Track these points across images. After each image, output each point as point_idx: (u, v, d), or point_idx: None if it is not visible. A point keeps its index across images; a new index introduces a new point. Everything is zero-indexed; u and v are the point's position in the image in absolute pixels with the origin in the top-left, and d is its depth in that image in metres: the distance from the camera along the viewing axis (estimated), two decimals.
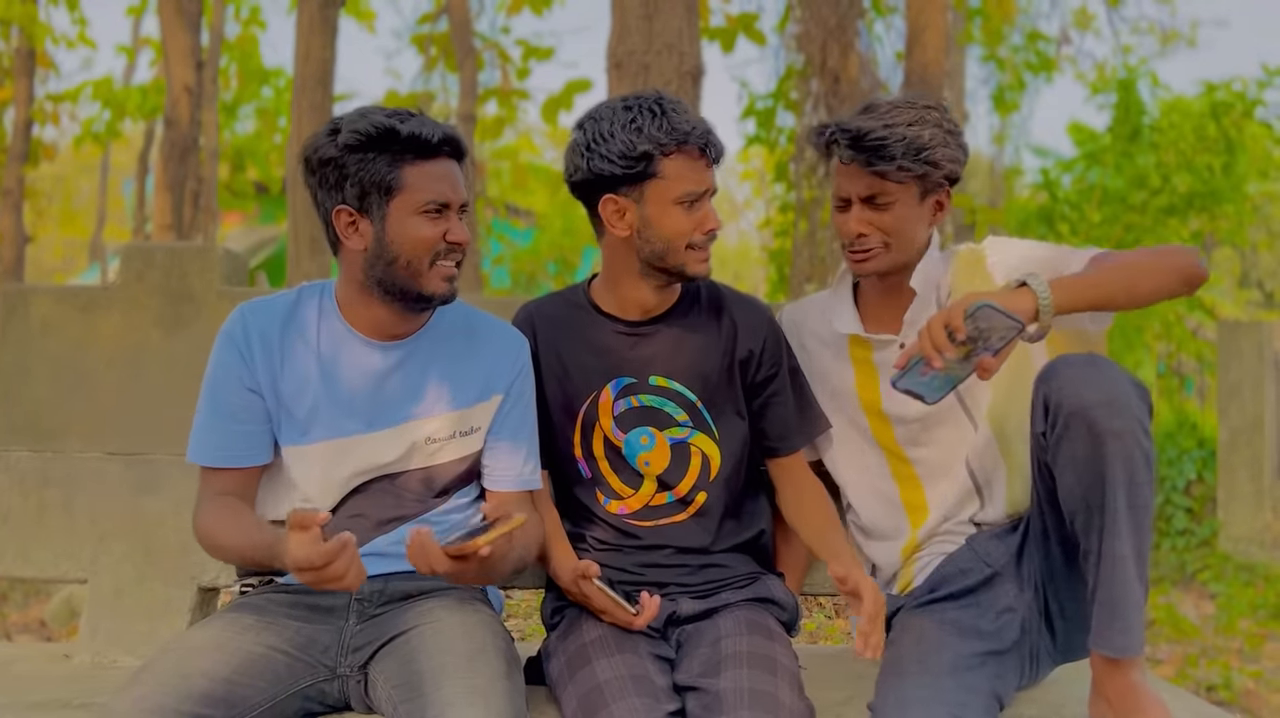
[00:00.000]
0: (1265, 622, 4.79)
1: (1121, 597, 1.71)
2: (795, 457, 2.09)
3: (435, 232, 1.81)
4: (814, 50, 7.99)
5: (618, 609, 1.84)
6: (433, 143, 1.79)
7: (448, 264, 1.84)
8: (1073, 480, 1.73)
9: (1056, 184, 8.89)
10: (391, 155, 1.78)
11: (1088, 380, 1.71)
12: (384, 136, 1.77)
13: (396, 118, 1.79)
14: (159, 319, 2.45)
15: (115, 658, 2.24)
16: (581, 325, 2.05)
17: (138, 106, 13.34)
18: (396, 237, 1.80)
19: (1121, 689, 1.74)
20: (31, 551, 2.34)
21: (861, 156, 1.92)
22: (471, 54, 9.88)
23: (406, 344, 1.91)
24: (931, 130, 1.93)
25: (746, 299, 2.11)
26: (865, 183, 1.95)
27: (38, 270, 23.69)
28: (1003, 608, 1.92)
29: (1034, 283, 1.77)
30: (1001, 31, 12.83)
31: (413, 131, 1.78)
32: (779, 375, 2.06)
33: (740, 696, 1.67)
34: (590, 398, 2.01)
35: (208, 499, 1.87)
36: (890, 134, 1.90)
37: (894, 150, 1.90)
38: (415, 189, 1.80)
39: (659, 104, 1.90)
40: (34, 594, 5.40)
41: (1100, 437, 1.68)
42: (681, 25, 4.74)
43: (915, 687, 1.73)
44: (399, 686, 1.68)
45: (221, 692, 1.62)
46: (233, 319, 1.90)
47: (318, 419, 1.87)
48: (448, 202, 1.82)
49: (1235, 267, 17.14)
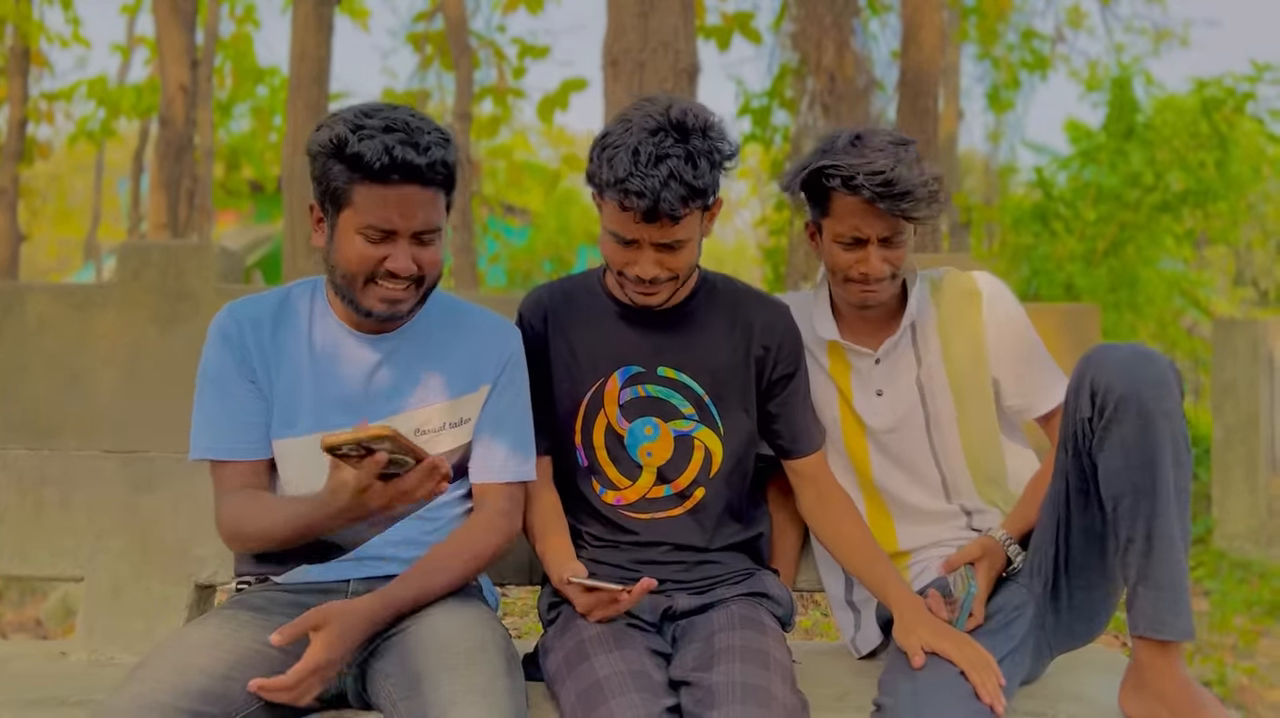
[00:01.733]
0: (1260, 618, 4.80)
1: (1174, 578, 1.73)
2: (814, 459, 2.08)
3: (373, 254, 1.76)
4: (809, 49, 7.99)
5: (602, 598, 1.81)
6: (373, 168, 1.70)
7: (388, 287, 1.79)
8: (1120, 464, 1.76)
9: (1051, 182, 8.90)
10: (346, 168, 1.73)
11: (1137, 365, 1.76)
12: (338, 149, 1.72)
13: (360, 132, 1.71)
14: (155, 317, 2.45)
15: (112, 656, 2.24)
16: (594, 311, 2.05)
17: (132, 105, 13.30)
18: (339, 247, 1.78)
19: (1173, 683, 1.74)
20: (28, 549, 2.33)
21: (895, 204, 1.91)
22: (467, 52, 9.87)
23: (394, 337, 1.91)
24: (929, 169, 1.95)
25: (765, 298, 2.11)
26: (887, 224, 1.95)
27: (32, 270, 23.63)
28: (1014, 607, 1.93)
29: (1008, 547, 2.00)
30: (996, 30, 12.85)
31: (358, 153, 1.70)
32: (796, 375, 2.06)
33: (733, 689, 1.67)
34: (596, 384, 2.01)
35: (226, 494, 1.85)
36: (916, 178, 1.91)
37: (921, 195, 1.91)
38: (360, 209, 1.75)
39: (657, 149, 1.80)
40: (30, 594, 5.39)
41: (1151, 417, 1.73)
42: (677, 23, 4.75)
43: (927, 683, 1.72)
44: (398, 683, 1.68)
45: (219, 688, 1.62)
46: (223, 315, 1.90)
47: (309, 412, 1.87)
48: (393, 229, 1.75)
49: (1230, 265, 17.16)
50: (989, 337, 2.08)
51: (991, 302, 2.10)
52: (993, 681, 1.71)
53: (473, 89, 10.05)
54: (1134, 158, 8.40)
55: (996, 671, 1.73)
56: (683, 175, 1.79)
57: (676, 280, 1.93)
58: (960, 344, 2.09)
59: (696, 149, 1.81)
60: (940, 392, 2.08)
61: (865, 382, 2.10)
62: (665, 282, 1.91)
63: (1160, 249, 8.72)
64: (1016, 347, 2.09)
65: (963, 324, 2.09)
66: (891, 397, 2.09)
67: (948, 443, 2.08)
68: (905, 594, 1.91)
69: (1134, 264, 8.32)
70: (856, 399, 2.10)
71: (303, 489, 1.85)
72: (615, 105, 4.73)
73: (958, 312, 2.11)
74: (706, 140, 1.83)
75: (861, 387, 2.11)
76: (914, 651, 1.77)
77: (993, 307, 2.09)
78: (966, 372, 2.09)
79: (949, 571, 2.01)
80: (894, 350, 2.10)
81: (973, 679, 1.71)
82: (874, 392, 2.10)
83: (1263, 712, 3.59)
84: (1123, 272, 8.19)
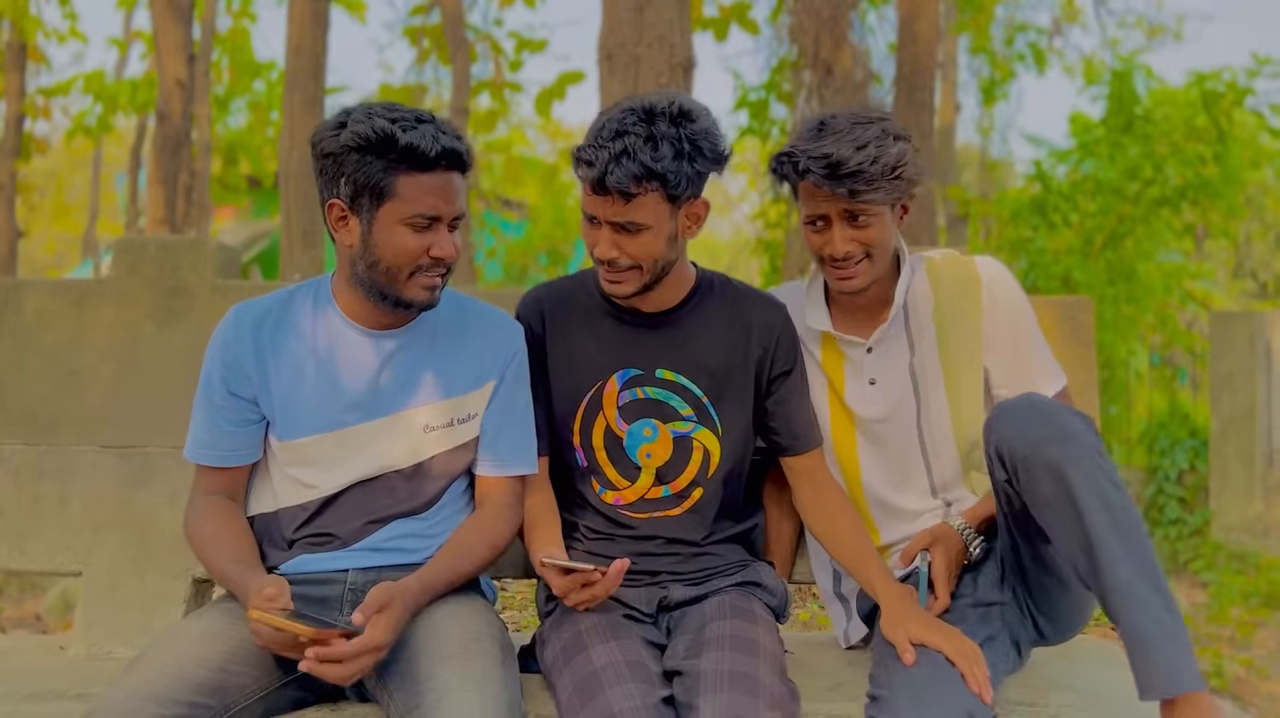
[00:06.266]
0: (1256, 610, 4.81)
1: (1145, 629, 1.58)
2: (811, 456, 2.08)
3: (420, 244, 1.79)
4: (807, 41, 7.97)
5: (578, 579, 1.78)
6: (429, 156, 1.76)
7: (429, 276, 1.83)
8: (1055, 521, 1.70)
9: (1049, 175, 8.89)
10: (388, 161, 1.76)
11: (1032, 421, 1.74)
12: (383, 142, 1.75)
13: (399, 124, 1.76)
14: (152, 312, 2.45)
15: (110, 649, 2.24)
16: (591, 314, 2.04)
17: (129, 100, 13.26)
18: (381, 242, 1.80)
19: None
20: (26, 543, 2.34)
21: (842, 186, 1.89)
22: (464, 46, 9.86)
23: (401, 333, 1.92)
24: (896, 146, 1.92)
25: (762, 297, 2.11)
26: (846, 204, 1.93)
27: (30, 266, 23.61)
28: (988, 602, 1.94)
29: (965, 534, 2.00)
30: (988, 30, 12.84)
31: (411, 142, 1.75)
32: (793, 373, 2.06)
33: (721, 677, 1.68)
34: (595, 387, 2.01)
35: (199, 496, 1.91)
36: (865, 158, 1.88)
37: (873, 175, 1.88)
38: (406, 199, 1.77)
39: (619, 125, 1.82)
40: (29, 589, 5.40)
41: (1061, 471, 1.68)
42: (673, 17, 4.74)
43: (921, 672, 1.73)
44: (394, 674, 1.69)
45: (216, 681, 1.63)
46: (225, 320, 1.93)
47: (314, 412, 1.88)
48: (438, 215, 1.80)
49: (1229, 258, 17.15)
50: (985, 324, 2.06)
51: (991, 287, 2.07)
52: (980, 670, 1.72)
53: (470, 83, 10.03)
54: (1132, 151, 8.39)
55: (983, 661, 1.74)
56: (636, 152, 1.79)
57: (640, 271, 1.90)
58: (957, 331, 2.07)
59: (660, 133, 1.81)
60: (933, 380, 2.07)
61: (858, 371, 2.09)
62: (626, 269, 1.89)
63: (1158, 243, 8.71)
64: (1012, 335, 2.06)
65: (960, 310, 2.07)
66: (884, 385, 2.08)
67: (937, 433, 2.07)
68: (894, 588, 1.92)
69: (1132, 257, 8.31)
70: (849, 391, 2.09)
71: (308, 482, 1.89)
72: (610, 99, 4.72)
73: (956, 297, 2.08)
74: (677, 128, 1.82)
75: (855, 376, 2.09)
76: (903, 646, 1.78)
77: (992, 292, 2.07)
78: (962, 360, 2.06)
79: (906, 561, 2.02)
80: (885, 338, 2.08)
81: (960, 668, 1.71)
82: (867, 380, 2.08)
83: (1259, 703, 3.60)
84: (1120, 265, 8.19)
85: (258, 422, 1.90)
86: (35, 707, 1.84)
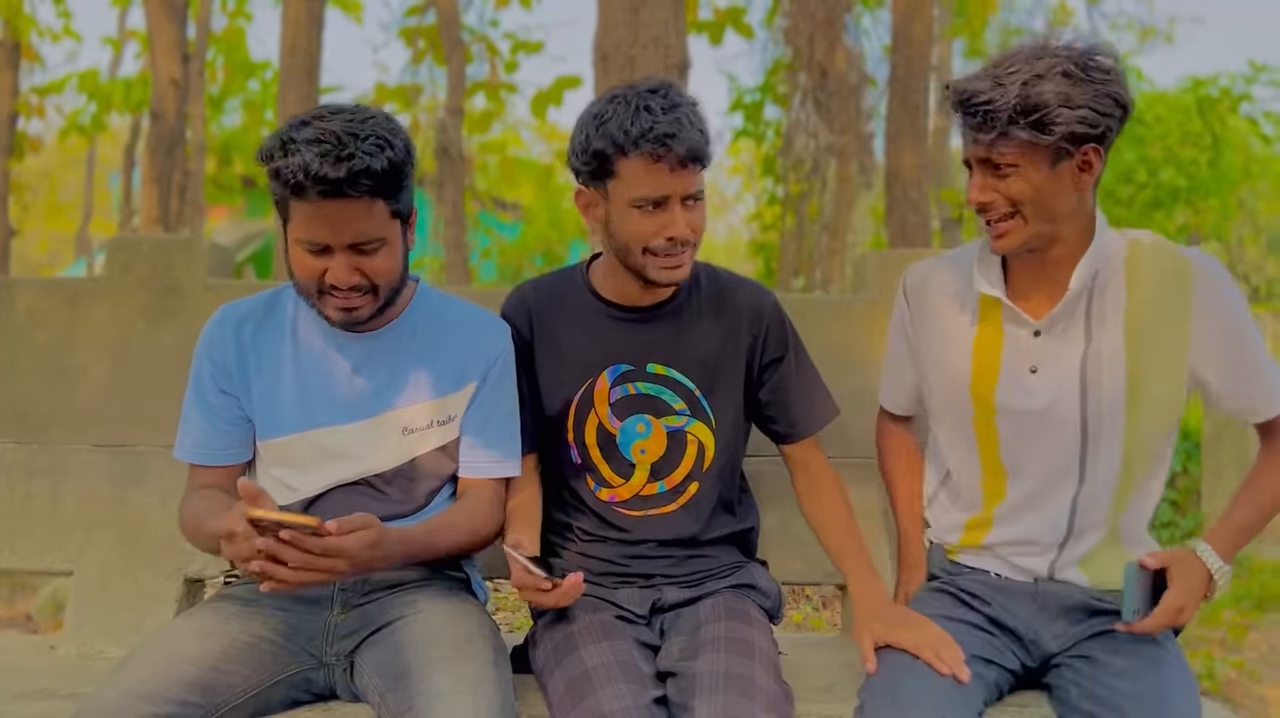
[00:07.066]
0: (1248, 612, 4.82)
1: None
2: (807, 444, 2.07)
3: (315, 266, 1.74)
4: (802, 44, 8.00)
5: (532, 580, 1.72)
6: (290, 185, 1.66)
7: (338, 298, 1.76)
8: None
9: None
10: (279, 184, 1.69)
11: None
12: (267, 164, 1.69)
13: (285, 147, 1.65)
14: (145, 311, 2.44)
15: (101, 649, 2.23)
16: (579, 309, 2.02)
17: (123, 99, 13.26)
18: (290, 259, 1.78)
19: None
20: (17, 542, 2.33)
21: (972, 122, 1.70)
22: (459, 47, 9.85)
23: (378, 336, 1.90)
24: (1053, 87, 1.64)
25: (749, 284, 2.08)
26: (982, 147, 1.72)
27: (23, 265, 23.56)
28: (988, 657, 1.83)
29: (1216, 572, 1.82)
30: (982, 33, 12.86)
31: (277, 168, 1.66)
32: (785, 359, 2.04)
33: (716, 678, 1.67)
34: (586, 384, 1.99)
35: (191, 493, 1.90)
36: (997, 95, 1.65)
37: (1000, 114, 1.65)
38: (296, 222, 1.73)
39: (638, 99, 1.80)
40: (20, 589, 5.38)
41: None
42: (668, 19, 4.74)
43: (901, 676, 1.71)
44: (386, 674, 1.69)
45: (208, 679, 1.62)
46: (212, 320, 1.92)
47: (295, 411, 1.87)
48: (325, 244, 1.71)
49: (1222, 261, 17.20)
50: (1193, 330, 1.77)
51: (1202, 285, 1.77)
52: (949, 652, 1.71)
53: (465, 84, 10.04)
54: (1127, 155, 8.43)
55: (952, 645, 1.72)
56: (694, 121, 1.81)
57: (695, 251, 1.89)
58: (1154, 332, 1.78)
59: (686, 101, 1.83)
60: (1110, 382, 1.79)
61: (1019, 355, 1.84)
62: (691, 247, 1.87)
63: None
64: (1227, 343, 1.77)
65: (1162, 308, 1.78)
66: (1046, 375, 1.82)
67: (1100, 447, 1.82)
68: (866, 587, 1.90)
69: None
70: (1002, 379, 1.85)
71: (290, 482, 1.88)
72: None
73: (1158, 291, 1.79)
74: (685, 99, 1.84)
75: (1014, 360, 1.84)
76: (866, 652, 1.77)
77: (1202, 292, 1.77)
78: (1151, 367, 1.79)
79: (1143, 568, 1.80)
80: (1060, 321, 1.81)
81: (924, 659, 1.70)
82: (1028, 368, 1.83)
83: (1251, 706, 3.60)
84: None
85: (248, 420, 1.90)
86: (26, 706, 1.83)
